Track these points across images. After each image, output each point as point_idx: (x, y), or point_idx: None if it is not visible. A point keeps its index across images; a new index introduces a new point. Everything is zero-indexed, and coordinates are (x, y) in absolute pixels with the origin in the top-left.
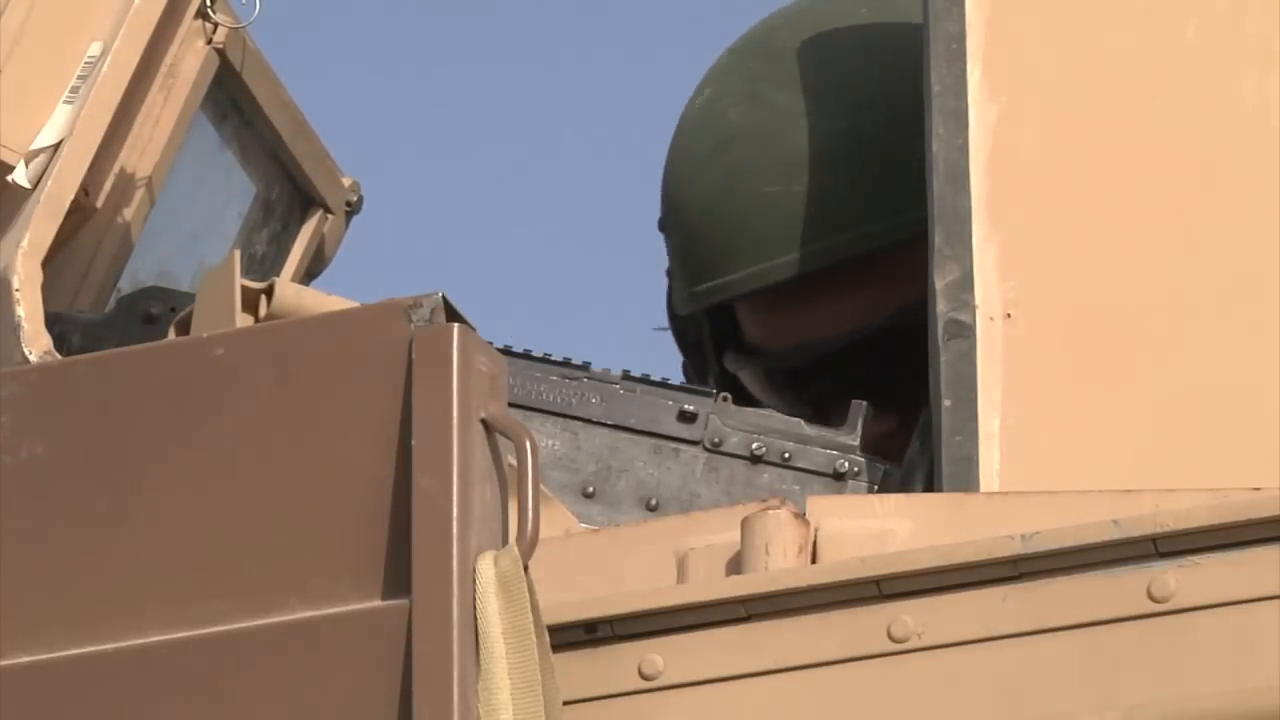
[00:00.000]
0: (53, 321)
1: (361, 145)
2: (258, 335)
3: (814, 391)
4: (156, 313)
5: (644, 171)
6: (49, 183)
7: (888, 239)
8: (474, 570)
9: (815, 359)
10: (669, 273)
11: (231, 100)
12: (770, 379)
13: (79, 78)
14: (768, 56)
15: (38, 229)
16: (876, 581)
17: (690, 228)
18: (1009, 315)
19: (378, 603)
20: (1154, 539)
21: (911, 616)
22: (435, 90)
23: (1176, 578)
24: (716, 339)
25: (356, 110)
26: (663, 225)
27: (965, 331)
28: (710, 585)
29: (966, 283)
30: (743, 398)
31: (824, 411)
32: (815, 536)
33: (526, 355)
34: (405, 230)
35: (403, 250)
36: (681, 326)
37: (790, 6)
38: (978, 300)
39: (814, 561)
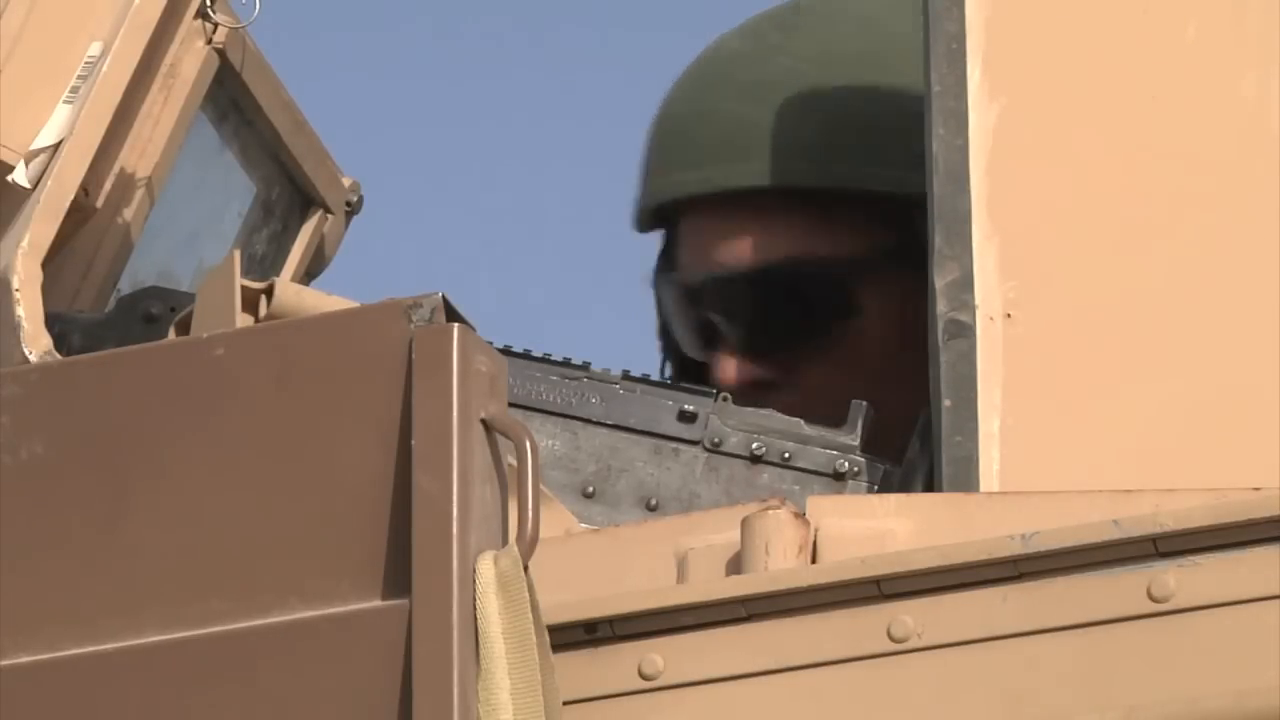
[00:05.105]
0: (53, 321)
1: (361, 145)
2: (258, 335)
3: (702, 319)
4: (156, 313)
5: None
6: (49, 183)
7: (849, 183)
8: (474, 570)
9: (715, 282)
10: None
11: (231, 100)
12: (677, 300)
13: (79, 78)
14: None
15: (38, 229)
16: (876, 581)
17: (670, 123)
18: (1009, 315)
19: (378, 603)
20: (1154, 539)
21: (911, 616)
22: (435, 90)
23: (1176, 578)
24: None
25: (357, 111)
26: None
27: (965, 331)
28: (710, 585)
29: (966, 283)
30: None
31: (709, 339)
32: (815, 536)
33: (526, 355)
34: (405, 230)
35: (403, 250)
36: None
37: None
38: (978, 300)
39: (814, 561)
